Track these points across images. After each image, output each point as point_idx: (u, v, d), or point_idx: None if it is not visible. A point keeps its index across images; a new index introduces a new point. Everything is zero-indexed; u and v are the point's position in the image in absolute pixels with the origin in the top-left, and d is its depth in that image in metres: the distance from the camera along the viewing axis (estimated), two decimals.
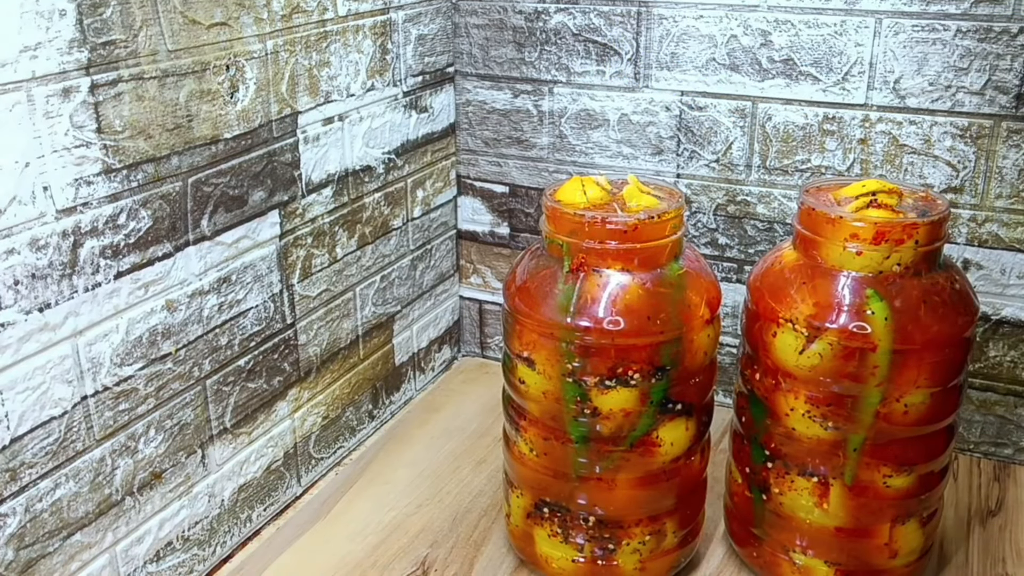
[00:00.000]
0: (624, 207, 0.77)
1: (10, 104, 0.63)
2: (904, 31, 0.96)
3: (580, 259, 0.75)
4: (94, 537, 0.76)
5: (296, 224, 0.93)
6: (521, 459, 0.82)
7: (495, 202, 1.22)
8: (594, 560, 0.81)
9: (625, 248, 0.74)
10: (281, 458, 0.97)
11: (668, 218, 0.75)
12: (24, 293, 0.66)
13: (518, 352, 0.79)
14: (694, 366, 0.78)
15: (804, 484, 0.78)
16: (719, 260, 1.12)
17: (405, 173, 1.10)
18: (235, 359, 0.88)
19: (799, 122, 1.03)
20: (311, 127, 0.93)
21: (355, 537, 0.92)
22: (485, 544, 0.91)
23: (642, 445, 0.77)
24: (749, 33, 1.02)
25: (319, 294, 0.98)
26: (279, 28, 0.86)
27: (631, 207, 0.77)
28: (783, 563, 0.82)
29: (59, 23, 0.65)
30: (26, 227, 0.66)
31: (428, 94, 1.12)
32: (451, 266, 1.25)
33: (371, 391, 1.11)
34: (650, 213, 0.75)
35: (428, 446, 1.08)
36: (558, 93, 1.13)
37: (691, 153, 1.09)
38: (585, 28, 1.09)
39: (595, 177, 0.80)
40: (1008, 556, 0.89)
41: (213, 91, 0.79)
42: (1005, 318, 1.01)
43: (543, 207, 0.78)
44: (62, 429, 0.71)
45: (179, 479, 0.83)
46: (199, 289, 0.82)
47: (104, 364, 0.74)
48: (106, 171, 0.71)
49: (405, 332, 1.16)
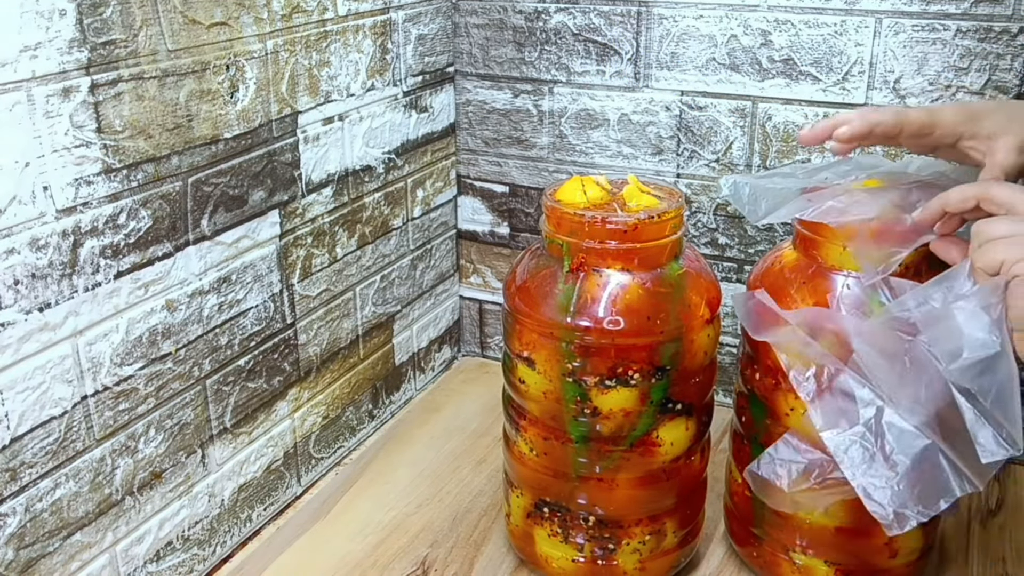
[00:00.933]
0: (624, 207, 0.77)
1: (10, 104, 0.63)
2: (904, 31, 0.96)
3: (580, 259, 0.75)
4: (94, 537, 0.76)
5: (296, 224, 0.93)
6: (521, 459, 0.82)
7: (495, 202, 1.22)
8: (594, 560, 0.81)
9: (625, 248, 0.74)
10: (281, 458, 0.97)
11: (668, 218, 0.75)
12: (24, 293, 0.66)
13: (518, 352, 0.79)
14: (694, 366, 0.78)
15: None
16: (719, 260, 1.12)
17: (405, 173, 1.10)
18: (235, 359, 0.88)
19: (799, 122, 1.03)
20: (311, 127, 0.93)
21: (355, 537, 0.92)
22: (485, 544, 0.91)
23: (642, 445, 0.77)
24: (749, 33, 1.02)
25: (319, 294, 0.98)
26: (279, 28, 0.86)
27: (631, 207, 0.77)
28: (783, 563, 0.82)
29: (59, 23, 0.65)
30: (26, 227, 0.66)
31: (428, 94, 1.13)
32: (451, 266, 1.25)
33: (371, 391, 1.11)
34: (650, 213, 0.75)
35: (428, 446, 1.08)
36: (558, 93, 1.13)
37: (691, 153, 1.09)
38: (585, 28, 1.09)
39: (595, 177, 0.80)
40: (1008, 556, 0.89)
41: (213, 91, 0.80)
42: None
43: (543, 207, 0.78)
44: (62, 429, 0.71)
45: (179, 479, 0.83)
46: (199, 289, 0.82)
47: (104, 364, 0.74)
48: (106, 171, 0.71)
49: (405, 332, 1.16)
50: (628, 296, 0.74)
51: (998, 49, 0.93)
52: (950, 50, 0.95)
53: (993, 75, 0.94)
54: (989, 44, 0.93)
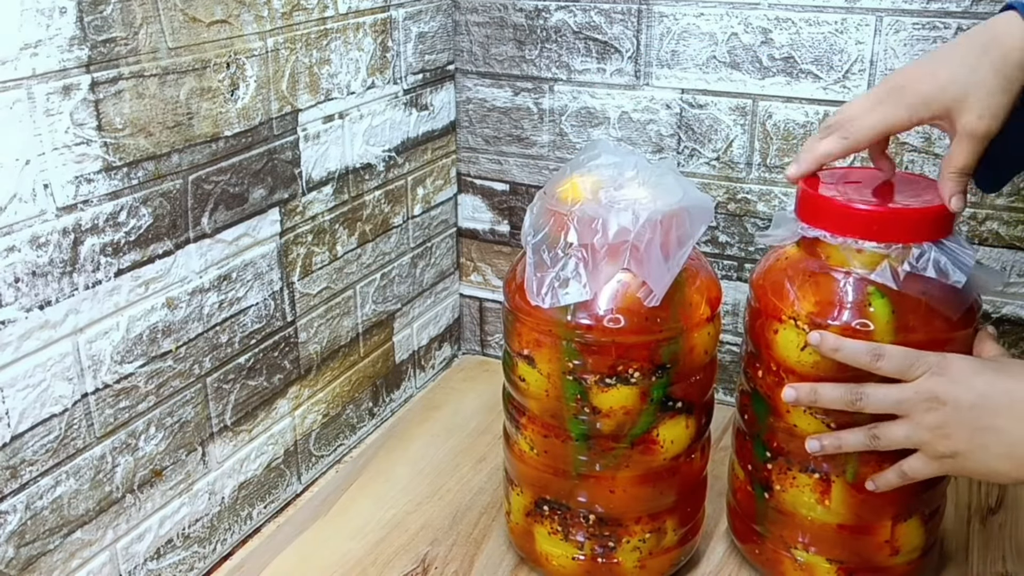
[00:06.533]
0: None
1: (10, 102, 0.63)
2: (905, 29, 0.96)
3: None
4: (95, 534, 0.76)
5: (296, 222, 0.93)
6: (521, 457, 0.82)
7: (495, 200, 1.22)
8: (594, 558, 0.81)
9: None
10: (281, 456, 0.97)
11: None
12: (24, 291, 0.66)
13: (518, 350, 0.79)
14: (694, 364, 0.78)
15: (806, 481, 0.78)
16: (719, 258, 1.12)
17: (405, 171, 1.10)
18: (235, 357, 0.88)
19: (800, 120, 1.03)
20: (311, 125, 0.93)
21: (355, 535, 0.92)
22: (485, 542, 0.91)
23: (642, 443, 0.77)
24: (750, 31, 1.02)
25: (319, 292, 0.98)
26: (279, 26, 0.86)
27: None
28: (785, 560, 0.82)
29: (59, 21, 0.65)
30: (26, 224, 0.66)
31: (428, 92, 1.12)
32: (451, 264, 1.25)
33: (371, 389, 1.11)
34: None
35: (428, 444, 1.08)
36: (558, 91, 1.13)
37: (691, 151, 1.09)
38: (586, 26, 1.09)
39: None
40: (1008, 554, 0.89)
41: (213, 89, 0.79)
42: (1006, 316, 1.01)
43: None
44: (63, 426, 0.71)
45: (179, 476, 0.84)
46: (199, 287, 0.82)
47: (104, 361, 0.74)
48: (106, 169, 0.71)
49: (405, 330, 1.16)
50: (628, 294, 0.74)
51: None
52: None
53: None
54: None
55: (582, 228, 0.72)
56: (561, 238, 0.74)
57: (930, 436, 0.69)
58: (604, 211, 0.73)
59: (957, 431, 0.67)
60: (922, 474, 0.71)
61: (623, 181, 0.77)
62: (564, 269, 0.73)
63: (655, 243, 0.72)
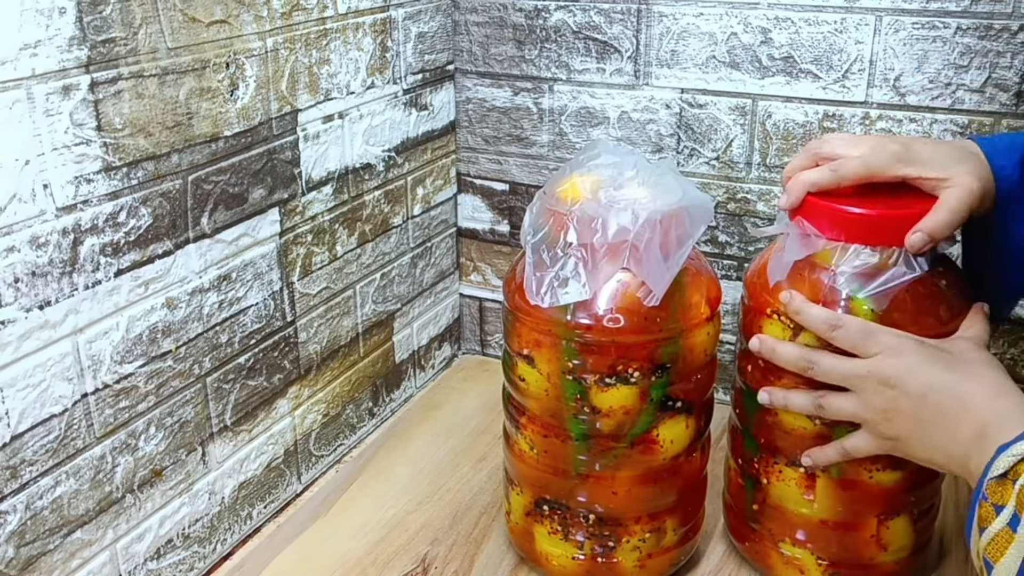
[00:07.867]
0: None
1: (10, 102, 0.63)
2: (904, 28, 0.96)
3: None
4: (94, 534, 0.76)
5: (296, 222, 0.93)
6: (521, 456, 0.82)
7: (495, 200, 1.22)
8: (594, 558, 0.81)
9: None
10: (281, 455, 0.97)
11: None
12: (24, 291, 0.66)
13: (518, 350, 0.79)
14: (694, 364, 0.78)
15: (792, 475, 0.79)
16: (719, 258, 1.12)
17: (405, 171, 1.10)
18: (235, 356, 0.88)
19: (799, 120, 1.03)
20: (311, 125, 0.93)
21: (355, 534, 0.92)
22: (485, 541, 0.91)
23: (642, 443, 0.77)
24: (749, 31, 1.02)
25: (319, 292, 0.98)
26: (279, 26, 0.86)
27: None
28: (773, 554, 0.82)
29: (59, 21, 0.65)
30: (26, 225, 0.66)
31: (428, 92, 1.13)
32: (451, 264, 1.25)
33: (371, 389, 1.11)
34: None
35: (428, 443, 1.08)
36: (558, 91, 1.13)
37: (691, 151, 1.09)
38: (585, 26, 1.09)
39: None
40: None
41: (213, 89, 0.80)
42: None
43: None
44: (62, 427, 0.71)
45: (179, 476, 0.84)
46: (199, 287, 0.82)
47: (104, 362, 0.74)
48: (106, 169, 0.71)
49: (405, 330, 1.16)
50: (628, 294, 0.74)
51: (998, 47, 0.93)
52: (950, 48, 0.95)
53: (993, 73, 0.94)
54: (989, 42, 0.93)
55: (582, 228, 0.73)
56: (561, 238, 0.74)
57: (875, 417, 0.69)
58: (604, 211, 0.73)
59: (900, 418, 0.68)
60: (863, 452, 0.72)
61: (623, 181, 0.77)
62: (564, 269, 0.73)
63: (655, 243, 0.72)
